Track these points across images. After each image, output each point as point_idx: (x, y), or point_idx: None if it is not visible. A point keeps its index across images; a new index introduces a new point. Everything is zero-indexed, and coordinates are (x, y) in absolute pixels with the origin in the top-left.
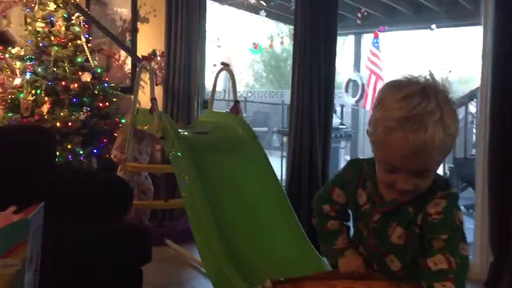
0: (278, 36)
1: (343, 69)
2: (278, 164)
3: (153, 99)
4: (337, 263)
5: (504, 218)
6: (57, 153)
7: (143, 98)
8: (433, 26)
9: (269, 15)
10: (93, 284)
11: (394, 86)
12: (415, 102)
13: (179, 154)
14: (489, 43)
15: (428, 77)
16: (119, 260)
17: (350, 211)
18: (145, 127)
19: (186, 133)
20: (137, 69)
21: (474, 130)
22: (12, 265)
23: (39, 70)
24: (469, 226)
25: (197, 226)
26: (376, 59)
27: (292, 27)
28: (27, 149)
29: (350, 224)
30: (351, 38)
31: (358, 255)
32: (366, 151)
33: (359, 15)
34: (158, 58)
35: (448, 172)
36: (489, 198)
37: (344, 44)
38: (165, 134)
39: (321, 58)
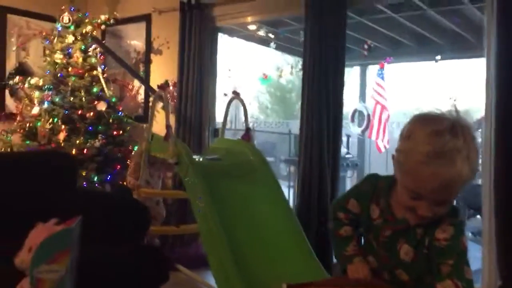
0: (288, 65)
1: (349, 100)
2: (286, 193)
3: (168, 126)
4: (346, 269)
5: (511, 243)
6: None
7: (156, 127)
8: (438, 57)
9: (278, 47)
10: None
11: (424, 120)
12: (446, 139)
13: (194, 179)
14: (492, 73)
15: (454, 113)
16: (138, 280)
17: (362, 222)
18: (160, 154)
19: (200, 159)
20: (153, 98)
21: (480, 160)
22: (56, 271)
23: (57, 99)
24: (476, 254)
25: (211, 251)
26: (381, 90)
27: (298, 58)
28: (51, 173)
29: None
30: (356, 69)
31: (366, 263)
32: None
33: (365, 46)
34: (171, 88)
35: (455, 200)
36: (495, 224)
37: (350, 75)
38: (180, 160)
39: (329, 89)
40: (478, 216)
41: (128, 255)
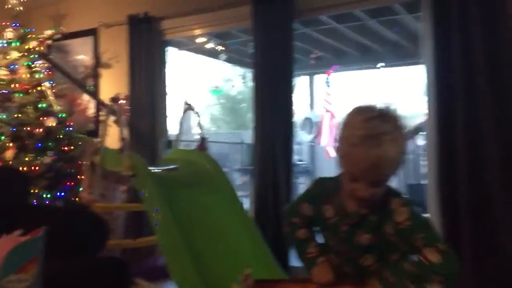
0: (238, 77)
1: (298, 108)
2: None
3: (123, 139)
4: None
5: (456, 239)
6: None
7: (107, 140)
8: (380, 64)
9: (227, 59)
10: None
11: (358, 110)
12: (376, 123)
13: (151, 191)
14: (431, 79)
15: (385, 105)
16: None
17: (317, 223)
18: (115, 167)
19: (156, 170)
20: (106, 111)
21: (421, 162)
22: (25, 280)
23: (3, 116)
24: None
25: (171, 262)
26: (329, 97)
27: (247, 70)
28: (2, 189)
29: None
30: (304, 79)
31: (329, 266)
32: None
33: (313, 55)
34: (123, 101)
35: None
36: (441, 221)
37: (298, 84)
38: (136, 173)
39: (279, 98)
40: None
41: (89, 267)
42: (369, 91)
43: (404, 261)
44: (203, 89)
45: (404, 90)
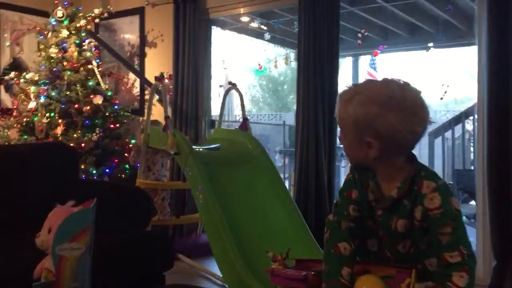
0: (280, 57)
1: (341, 90)
2: None
3: (167, 117)
4: None
5: (505, 224)
6: None
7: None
8: (430, 44)
9: (271, 39)
10: (119, 287)
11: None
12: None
13: (193, 169)
14: (484, 61)
15: (395, 82)
16: (144, 265)
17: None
18: (159, 145)
19: (199, 149)
20: (150, 90)
21: (472, 148)
22: (77, 249)
23: (53, 93)
24: (471, 237)
25: (214, 240)
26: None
27: (290, 50)
28: (54, 164)
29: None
30: (348, 60)
31: None
32: None
33: (359, 35)
34: (166, 80)
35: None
36: (489, 205)
37: (342, 65)
38: (179, 150)
39: (324, 79)
40: (473, 202)
41: (136, 241)
42: (418, 72)
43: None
44: (246, 70)
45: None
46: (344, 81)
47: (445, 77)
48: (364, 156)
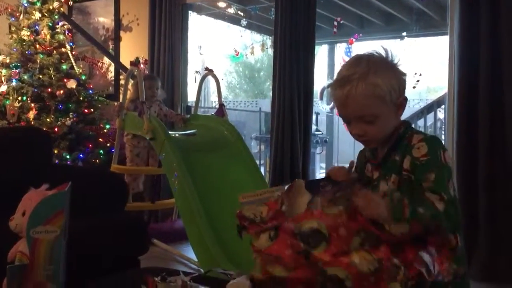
0: (257, 44)
1: (317, 78)
2: None
3: (142, 102)
4: None
5: (472, 210)
6: None
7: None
8: (404, 33)
9: (248, 25)
10: (94, 271)
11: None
12: (347, 67)
13: (169, 154)
14: (455, 50)
15: (373, 51)
16: (119, 249)
17: None
18: (135, 130)
19: (175, 134)
20: (126, 75)
21: (443, 136)
22: (52, 232)
23: (25, 77)
24: None
25: (189, 221)
26: None
27: (266, 37)
28: (28, 148)
29: None
30: (324, 48)
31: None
32: (341, 156)
33: (335, 23)
34: (142, 65)
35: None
36: (458, 191)
37: (318, 53)
38: (155, 136)
39: (300, 66)
40: None
41: (111, 225)
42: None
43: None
44: (222, 56)
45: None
46: (320, 69)
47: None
48: (395, 123)
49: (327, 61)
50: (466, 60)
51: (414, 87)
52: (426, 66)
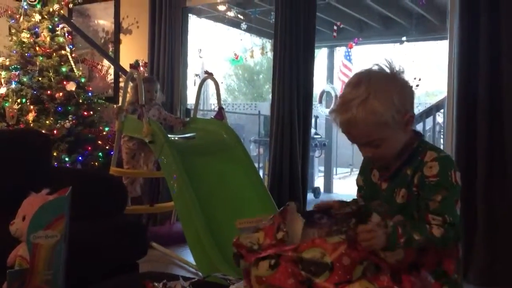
0: (257, 47)
1: (317, 81)
2: None
3: (142, 106)
4: None
5: (470, 215)
6: None
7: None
8: (403, 38)
9: (247, 29)
10: (92, 276)
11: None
12: (347, 91)
13: (168, 158)
14: (455, 54)
15: (374, 66)
16: (118, 253)
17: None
18: (134, 133)
19: (174, 138)
20: (125, 78)
21: (442, 140)
22: (52, 237)
23: (25, 79)
24: None
25: (188, 225)
26: (348, 71)
27: (266, 40)
28: (27, 151)
29: None
30: (324, 51)
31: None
32: (339, 160)
33: (335, 27)
34: (141, 68)
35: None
36: None
37: (317, 57)
38: (154, 139)
39: (300, 69)
40: None
41: (109, 229)
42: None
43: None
44: (221, 59)
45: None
46: (319, 72)
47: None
48: (405, 139)
49: (327, 64)
50: (465, 65)
51: None
52: (425, 70)
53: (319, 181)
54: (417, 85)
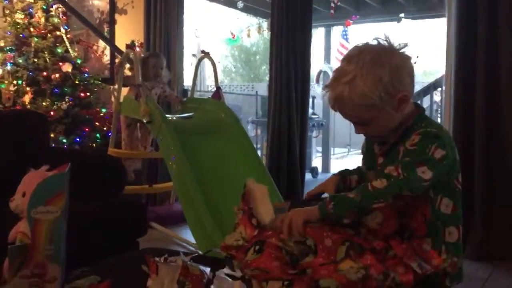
0: (253, 27)
1: (314, 61)
2: None
3: (139, 85)
4: None
5: (468, 195)
6: None
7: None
8: (401, 15)
9: (244, 8)
10: (93, 254)
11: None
12: (340, 66)
13: (167, 137)
14: (452, 32)
15: (373, 41)
16: (118, 231)
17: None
18: (132, 114)
19: (172, 117)
20: (122, 58)
21: (439, 119)
22: (52, 212)
23: (20, 60)
24: None
25: (187, 204)
26: (345, 51)
27: (262, 20)
28: (25, 131)
29: None
30: (321, 30)
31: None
32: (337, 140)
33: (332, 4)
34: (137, 48)
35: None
36: None
37: (314, 36)
38: (152, 119)
39: (297, 49)
40: None
41: (110, 207)
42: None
43: None
44: (217, 40)
45: (426, 44)
46: (316, 52)
47: (415, 49)
48: (400, 118)
49: (324, 44)
50: (463, 42)
51: None
52: (422, 49)
53: (317, 161)
54: (415, 62)
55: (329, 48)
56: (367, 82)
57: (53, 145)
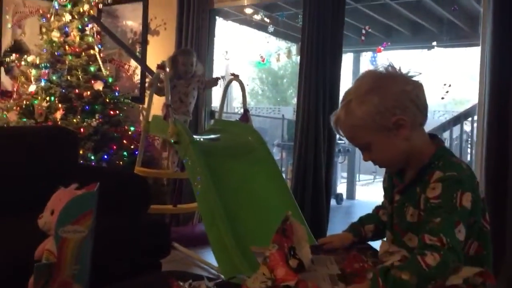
0: (284, 51)
1: (342, 86)
2: None
3: (167, 106)
4: None
5: (501, 228)
6: None
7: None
8: (434, 43)
9: (274, 32)
10: (116, 274)
11: None
12: (346, 91)
13: (193, 158)
14: (487, 61)
15: (380, 67)
16: (141, 251)
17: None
18: (160, 134)
19: (200, 139)
20: (152, 78)
21: (469, 150)
22: (79, 232)
23: (54, 77)
24: None
25: (210, 226)
26: None
27: (291, 44)
28: (54, 147)
29: None
30: (349, 56)
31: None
32: (362, 166)
33: (363, 31)
34: (168, 69)
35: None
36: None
37: (343, 62)
38: (179, 139)
39: (326, 74)
40: None
41: (134, 227)
42: (419, 72)
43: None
44: (245, 62)
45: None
46: (345, 77)
47: (446, 78)
48: (405, 147)
49: (352, 69)
50: (498, 72)
51: (442, 98)
52: (453, 77)
53: (341, 187)
54: (447, 92)
55: (357, 73)
56: (360, 104)
57: (82, 161)
